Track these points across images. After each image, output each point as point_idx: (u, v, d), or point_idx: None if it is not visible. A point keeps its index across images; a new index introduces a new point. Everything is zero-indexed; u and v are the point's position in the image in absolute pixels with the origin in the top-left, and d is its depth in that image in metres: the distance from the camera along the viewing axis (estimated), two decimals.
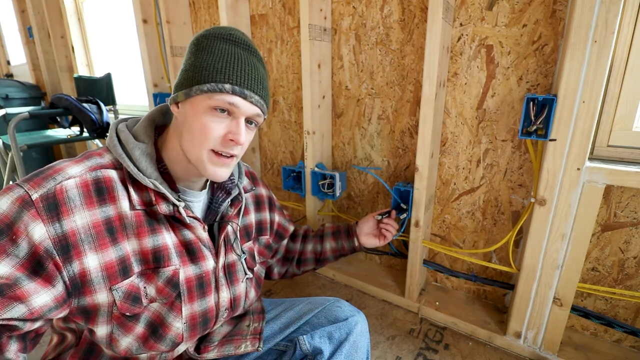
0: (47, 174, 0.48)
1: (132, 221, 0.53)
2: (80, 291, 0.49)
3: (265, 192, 0.83)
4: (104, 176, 0.52)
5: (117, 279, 0.51)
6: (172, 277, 0.56)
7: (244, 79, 0.53)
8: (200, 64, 0.53)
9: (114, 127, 0.58)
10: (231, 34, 0.55)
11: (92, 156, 0.54)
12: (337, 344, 0.65)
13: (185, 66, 0.56)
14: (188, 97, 0.54)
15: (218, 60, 0.53)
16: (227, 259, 0.65)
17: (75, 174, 0.50)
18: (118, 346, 0.54)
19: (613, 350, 1.01)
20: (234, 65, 0.53)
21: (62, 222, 0.47)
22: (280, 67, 1.53)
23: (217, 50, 0.54)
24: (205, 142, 0.54)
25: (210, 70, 0.52)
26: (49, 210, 0.46)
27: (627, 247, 0.95)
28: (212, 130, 0.53)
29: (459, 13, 1.04)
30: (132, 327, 0.54)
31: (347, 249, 0.91)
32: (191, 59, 0.55)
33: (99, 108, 1.90)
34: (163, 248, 0.55)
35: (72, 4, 2.70)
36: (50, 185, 0.47)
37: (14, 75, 3.69)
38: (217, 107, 0.53)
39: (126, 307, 0.52)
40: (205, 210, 0.66)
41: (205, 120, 0.53)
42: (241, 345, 0.65)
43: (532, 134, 0.87)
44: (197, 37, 0.57)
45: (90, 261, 0.48)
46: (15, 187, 0.46)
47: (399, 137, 1.27)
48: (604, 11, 0.74)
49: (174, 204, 0.55)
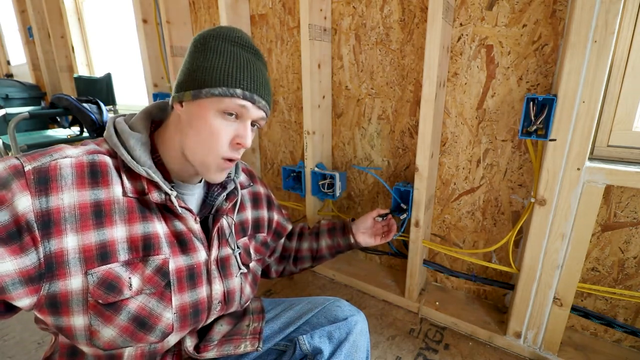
0: (45, 152, 0.49)
1: (123, 207, 0.53)
2: (53, 273, 0.47)
3: (264, 191, 0.83)
4: (100, 160, 0.52)
5: (94, 263, 0.50)
6: (161, 266, 0.55)
7: (254, 84, 0.55)
8: (211, 66, 0.54)
9: (111, 120, 0.59)
10: (239, 37, 0.57)
11: (89, 144, 0.55)
12: (337, 343, 0.65)
13: (191, 65, 0.56)
14: (196, 99, 0.54)
15: (228, 63, 0.54)
16: (221, 252, 0.65)
17: (72, 155, 0.50)
18: (100, 338, 0.51)
19: (613, 350, 1.01)
20: (244, 70, 0.55)
21: (49, 198, 0.47)
22: (280, 67, 1.53)
23: (227, 53, 0.55)
24: (216, 148, 0.56)
25: (221, 74, 0.53)
26: (38, 184, 0.46)
27: (627, 247, 0.95)
28: (222, 134, 0.55)
29: (459, 13, 1.04)
30: (111, 317, 0.51)
31: (342, 246, 0.92)
32: (199, 59, 0.55)
33: (99, 108, 1.90)
34: (153, 236, 0.55)
35: (72, 4, 2.70)
36: (45, 160, 0.48)
37: (14, 75, 3.69)
38: (227, 110, 0.54)
39: (99, 293, 0.50)
40: (201, 203, 0.67)
41: (215, 123, 0.55)
42: (241, 345, 0.65)
43: (532, 134, 0.87)
44: (203, 36, 0.57)
45: (69, 241, 0.48)
46: (12, 158, 0.47)
47: (399, 137, 1.27)
48: (604, 11, 0.74)
49: (165, 192, 0.55)
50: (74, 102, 1.84)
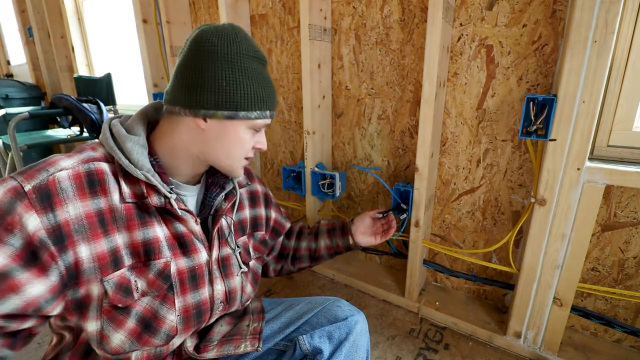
0: (40, 167, 0.49)
1: (122, 214, 0.53)
2: (75, 282, 0.49)
3: (261, 189, 0.83)
4: (96, 168, 0.52)
5: (108, 270, 0.51)
6: (163, 269, 0.56)
7: (274, 102, 0.62)
8: (244, 90, 0.56)
9: (107, 122, 0.58)
10: (257, 52, 0.59)
11: (84, 150, 0.55)
12: (337, 343, 0.65)
13: (216, 82, 0.54)
14: (230, 119, 0.57)
15: (257, 86, 0.57)
16: (221, 252, 0.65)
17: (68, 166, 0.50)
18: (109, 344, 0.53)
19: (613, 350, 1.01)
20: (269, 91, 0.60)
21: (56, 213, 0.47)
22: (280, 67, 1.53)
23: (253, 73, 0.57)
24: (242, 155, 0.62)
25: (256, 99, 0.57)
26: (41, 201, 0.46)
27: (627, 247, 0.95)
28: (248, 144, 0.61)
29: (459, 13, 1.04)
30: (122, 321, 0.53)
31: (341, 247, 0.91)
32: (227, 77, 0.54)
33: (99, 108, 1.90)
34: (154, 241, 0.55)
35: (72, 4, 2.70)
36: (42, 176, 0.48)
37: (14, 75, 3.69)
38: (256, 128, 0.61)
39: (118, 298, 0.52)
40: (200, 204, 0.67)
41: (245, 137, 0.60)
42: (241, 345, 0.65)
43: (532, 134, 0.87)
44: (227, 51, 0.55)
45: (83, 251, 0.49)
46: (9, 179, 0.47)
47: (399, 137, 1.28)
48: (604, 11, 0.74)
49: (165, 195, 0.55)
50: (74, 102, 1.84)
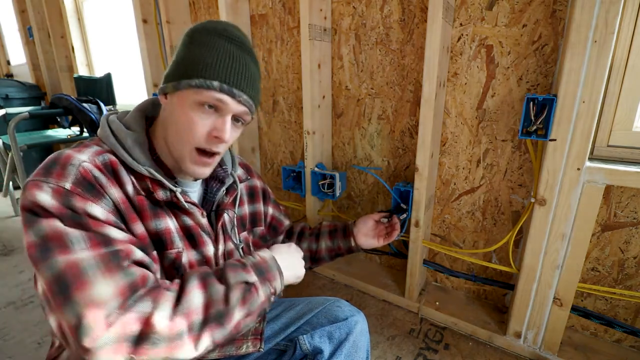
0: (61, 164, 0.48)
1: (137, 205, 0.54)
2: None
3: (260, 184, 0.83)
4: (110, 159, 0.53)
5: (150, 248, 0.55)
6: (175, 259, 0.57)
7: (234, 77, 0.53)
8: (191, 58, 0.53)
9: (105, 118, 0.58)
10: (226, 30, 0.55)
11: (90, 145, 0.54)
12: (337, 343, 0.65)
13: (176, 58, 0.56)
14: (176, 90, 0.54)
15: (209, 55, 0.52)
16: (226, 246, 0.66)
17: (86, 159, 0.50)
18: None
19: (613, 350, 1.01)
20: (225, 62, 0.53)
21: (106, 196, 0.49)
22: (280, 67, 1.53)
23: (210, 45, 0.53)
24: (190, 138, 0.55)
25: (200, 65, 0.52)
26: (89, 191, 0.47)
27: (627, 247, 0.95)
28: (198, 125, 0.54)
29: (459, 13, 1.04)
30: None
31: (343, 249, 0.89)
32: (183, 51, 0.55)
33: (99, 108, 1.90)
34: (166, 232, 0.56)
35: (72, 4, 2.70)
36: (73, 171, 0.47)
37: (14, 75, 3.69)
38: (204, 102, 0.53)
39: None
40: (202, 200, 0.67)
41: (192, 115, 0.53)
42: (242, 346, 0.65)
43: (532, 134, 0.87)
44: (192, 29, 0.57)
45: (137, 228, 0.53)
46: (41, 184, 0.45)
47: (399, 137, 1.28)
48: (604, 11, 0.74)
49: (170, 189, 0.56)
50: (74, 102, 1.84)
